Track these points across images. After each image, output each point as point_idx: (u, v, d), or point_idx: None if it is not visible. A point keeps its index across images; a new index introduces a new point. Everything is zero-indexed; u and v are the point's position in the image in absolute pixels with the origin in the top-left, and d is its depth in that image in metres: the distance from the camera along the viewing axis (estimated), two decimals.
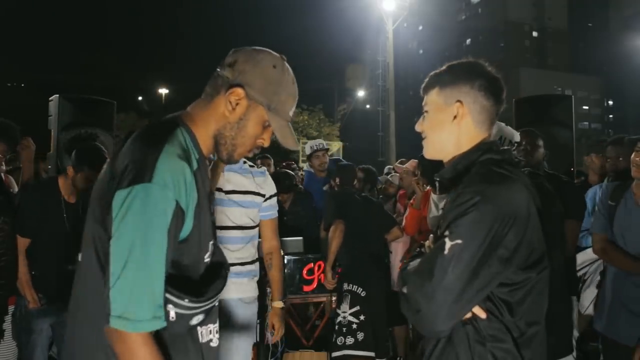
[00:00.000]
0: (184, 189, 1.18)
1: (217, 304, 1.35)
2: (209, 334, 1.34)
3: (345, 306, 3.71)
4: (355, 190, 4.11)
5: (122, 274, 1.11)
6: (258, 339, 3.63)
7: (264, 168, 2.80)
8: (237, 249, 2.57)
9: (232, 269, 2.49)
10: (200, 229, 1.26)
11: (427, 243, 1.43)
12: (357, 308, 3.68)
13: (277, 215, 2.77)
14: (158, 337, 1.19)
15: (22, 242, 2.90)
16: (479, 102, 1.38)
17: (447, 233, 1.22)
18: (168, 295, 1.18)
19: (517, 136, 2.69)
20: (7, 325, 2.95)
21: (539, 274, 1.28)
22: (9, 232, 2.79)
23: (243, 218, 2.59)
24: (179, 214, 1.18)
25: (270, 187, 2.70)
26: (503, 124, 2.70)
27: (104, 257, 1.17)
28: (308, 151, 5.27)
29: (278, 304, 2.73)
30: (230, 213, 2.55)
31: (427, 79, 1.47)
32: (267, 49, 1.40)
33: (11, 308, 3.00)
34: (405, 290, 1.25)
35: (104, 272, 1.17)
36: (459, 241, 1.19)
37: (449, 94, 1.39)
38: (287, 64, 1.40)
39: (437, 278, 1.19)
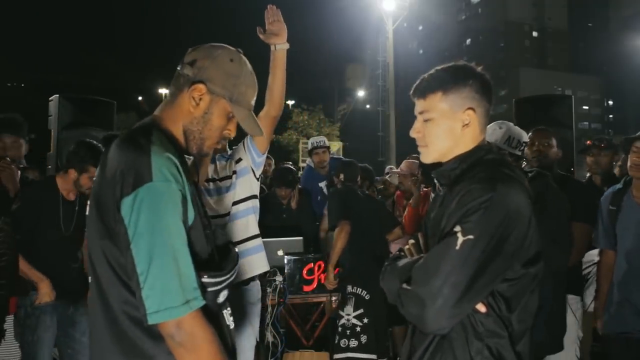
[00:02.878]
0: (180, 180, 1.25)
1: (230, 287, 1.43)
2: (228, 317, 1.42)
3: (349, 309, 3.67)
4: (359, 188, 4.06)
5: (150, 272, 1.16)
6: (258, 339, 3.63)
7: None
8: (237, 228, 2.54)
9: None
10: (201, 216, 1.33)
11: (406, 247, 1.45)
12: (361, 311, 3.65)
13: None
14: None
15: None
16: (483, 106, 1.39)
17: (458, 229, 1.22)
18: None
19: (525, 136, 2.68)
20: (8, 326, 2.94)
21: (535, 270, 1.31)
22: (9, 232, 2.79)
23: (240, 193, 2.58)
24: (184, 202, 1.24)
25: (238, 148, 2.67)
26: (511, 124, 2.70)
27: (121, 269, 1.22)
28: (309, 147, 5.26)
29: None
30: (228, 197, 2.56)
31: (421, 83, 1.42)
32: (224, 45, 1.46)
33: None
34: (407, 286, 1.24)
35: (124, 283, 1.22)
36: (470, 236, 1.20)
37: (456, 100, 1.37)
38: (244, 57, 1.46)
39: (445, 274, 1.19)
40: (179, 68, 1.42)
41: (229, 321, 1.42)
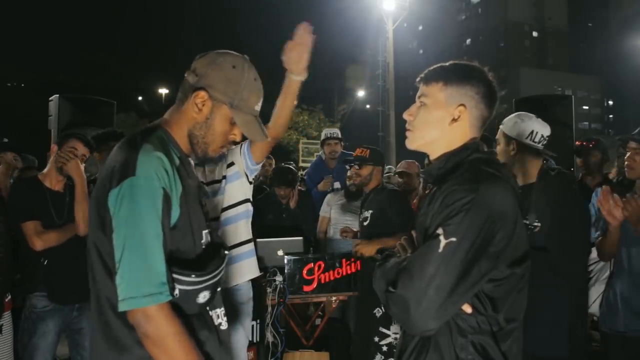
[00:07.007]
0: (166, 177, 1.31)
1: (219, 288, 1.47)
2: (217, 317, 1.47)
3: (396, 327, 3.46)
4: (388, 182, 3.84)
5: (121, 262, 1.24)
6: (258, 339, 3.63)
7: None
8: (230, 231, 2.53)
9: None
10: (190, 216, 1.38)
11: (398, 242, 1.45)
12: None
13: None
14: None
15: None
16: (479, 109, 1.40)
17: (440, 231, 1.22)
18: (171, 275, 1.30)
19: (548, 129, 2.57)
20: (4, 322, 2.89)
21: (522, 270, 1.31)
22: (3, 230, 2.77)
23: (230, 199, 2.56)
24: (167, 200, 1.30)
25: (233, 151, 2.63)
26: (534, 117, 2.61)
27: (109, 259, 1.29)
28: (322, 137, 5.34)
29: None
30: (216, 202, 2.53)
31: (430, 70, 1.45)
32: (230, 51, 1.52)
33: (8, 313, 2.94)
34: (393, 289, 1.25)
35: (110, 273, 1.29)
36: (453, 239, 1.20)
37: (453, 93, 1.38)
38: (248, 63, 1.51)
39: (429, 276, 1.20)
40: (185, 75, 1.48)
41: (219, 321, 1.47)
